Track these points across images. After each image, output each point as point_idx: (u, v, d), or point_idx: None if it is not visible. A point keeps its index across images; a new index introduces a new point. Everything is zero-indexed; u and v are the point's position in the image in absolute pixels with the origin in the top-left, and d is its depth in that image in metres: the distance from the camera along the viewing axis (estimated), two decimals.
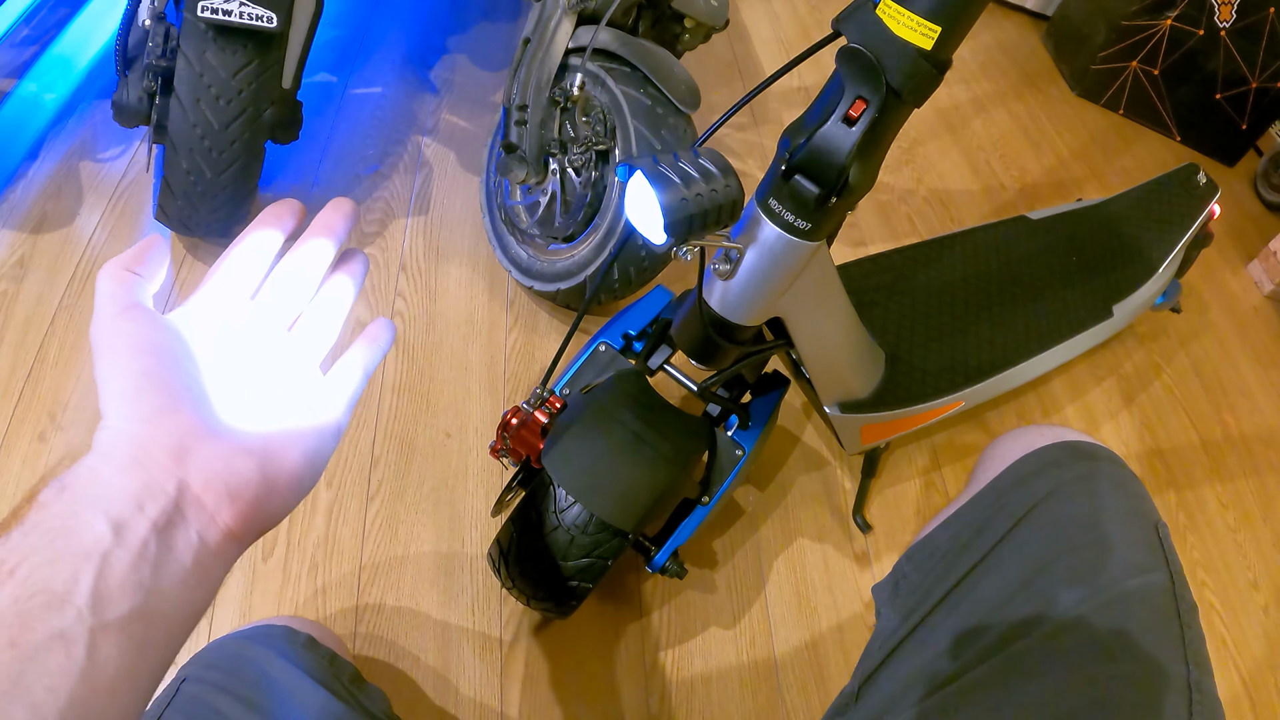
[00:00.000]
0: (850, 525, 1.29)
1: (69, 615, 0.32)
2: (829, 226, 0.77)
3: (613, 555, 0.94)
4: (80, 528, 0.35)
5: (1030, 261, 1.42)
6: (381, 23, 2.00)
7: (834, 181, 0.70)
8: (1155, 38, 2.13)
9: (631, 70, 1.25)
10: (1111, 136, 2.23)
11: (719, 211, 0.59)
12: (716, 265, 0.76)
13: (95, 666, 0.33)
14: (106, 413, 0.39)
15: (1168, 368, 1.65)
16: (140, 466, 0.37)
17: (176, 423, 0.39)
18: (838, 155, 0.69)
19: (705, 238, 0.67)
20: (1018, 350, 1.27)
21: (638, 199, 0.63)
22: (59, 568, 0.33)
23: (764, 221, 0.76)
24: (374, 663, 1.06)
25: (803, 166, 0.71)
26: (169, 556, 0.37)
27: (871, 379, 1.12)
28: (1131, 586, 0.62)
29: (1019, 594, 0.65)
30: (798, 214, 0.74)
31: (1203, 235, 1.53)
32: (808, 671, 1.14)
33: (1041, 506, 0.70)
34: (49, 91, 1.67)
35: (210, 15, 1.13)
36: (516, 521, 0.97)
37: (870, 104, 0.67)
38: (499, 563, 1.00)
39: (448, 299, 1.44)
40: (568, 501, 0.92)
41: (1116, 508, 0.69)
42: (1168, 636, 0.60)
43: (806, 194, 0.72)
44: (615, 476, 0.89)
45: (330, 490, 1.18)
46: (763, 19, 2.30)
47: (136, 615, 0.35)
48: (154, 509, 0.37)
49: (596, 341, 1.09)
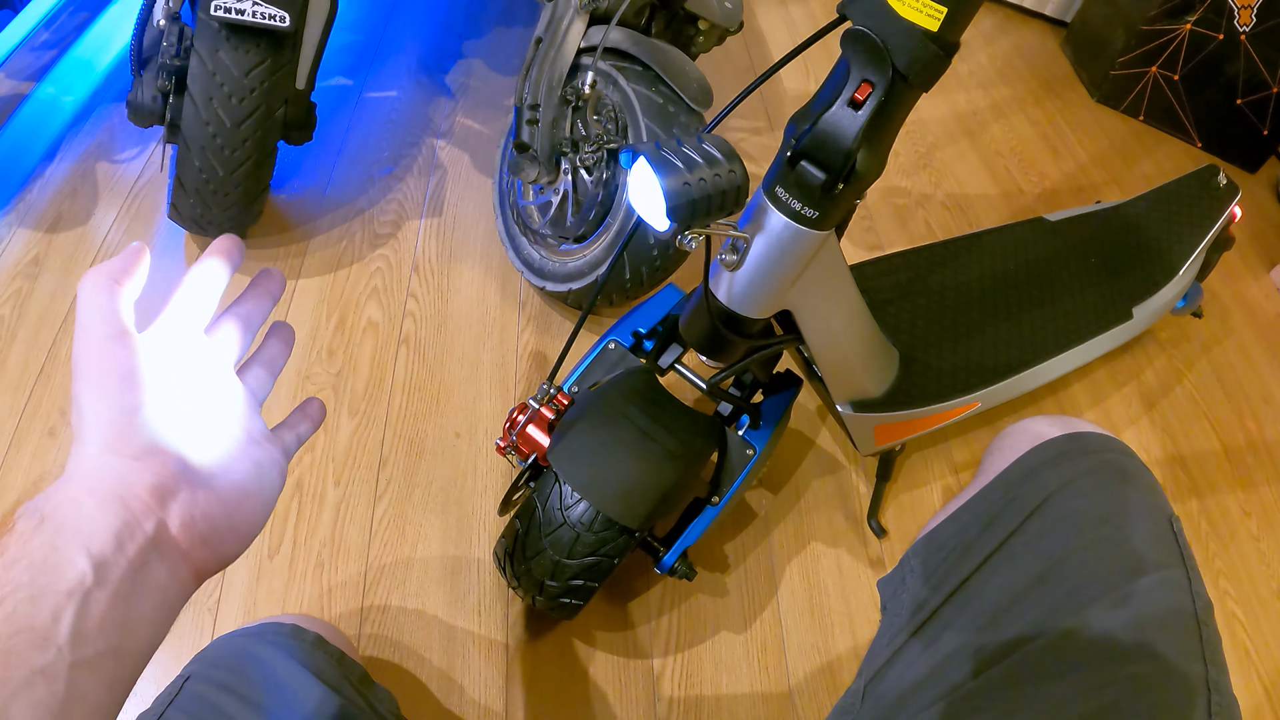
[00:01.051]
0: (865, 530, 1.27)
1: (50, 653, 0.33)
2: (837, 215, 0.75)
3: (619, 554, 0.93)
4: (62, 563, 0.35)
5: (1048, 262, 1.40)
6: (397, 28, 2.01)
7: (840, 167, 0.69)
8: (1175, 42, 2.11)
9: (643, 69, 1.24)
10: (1131, 142, 2.21)
11: (723, 197, 0.58)
12: (723, 256, 0.75)
13: (73, 700, 0.33)
14: (88, 440, 0.39)
15: (1189, 373, 1.63)
16: (123, 503, 0.38)
17: (161, 463, 0.40)
18: (844, 140, 0.68)
19: (710, 226, 0.66)
20: (1035, 351, 1.25)
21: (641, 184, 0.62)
22: (41, 605, 0.34)
23: (771, 210, 0.74)
24: (379, 663, 1.05)
25: (808, 152, 0.70)
26: (143, 594, 0.37)
27: (885, 377, 1.10)
28: (1146, 584, 0.60)
29: (1031, 591, 0.63)
30: (805, 202, 0.73)
31: (1224, 238, 1.50)
32: (820, 678, 1.12)
33: (1052, 500, 0.68)
34: (67, 94, 1.69)
35: (224, 14, 1.13)
36: (522, 518, 0.96)
37: (876, 87, 0.66)
38: (504, 560, 0.99)
39: (460, 299, 1.44)
40: (574, 499, 0.91)
41: (1129, 501, 0.67)
42: (1184, 635, 0.58)
43: (812, 180, 0.71)
44: (621, 473, 0.88)
45: (338, 489, 1.18)
46: (779, 23, 2.29)
47: (110, 652, 0.36)
48: (133, 547, 0.37)
49: (606, 339, 1.08)
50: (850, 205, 0.77)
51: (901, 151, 1.98)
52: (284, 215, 1.53)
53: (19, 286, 1.34)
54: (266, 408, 0.50)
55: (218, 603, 1.07)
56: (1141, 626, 0.58)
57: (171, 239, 1.44)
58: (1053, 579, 0.63)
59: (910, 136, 2.04)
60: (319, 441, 1.22)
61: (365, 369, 1.32)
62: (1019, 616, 0.62)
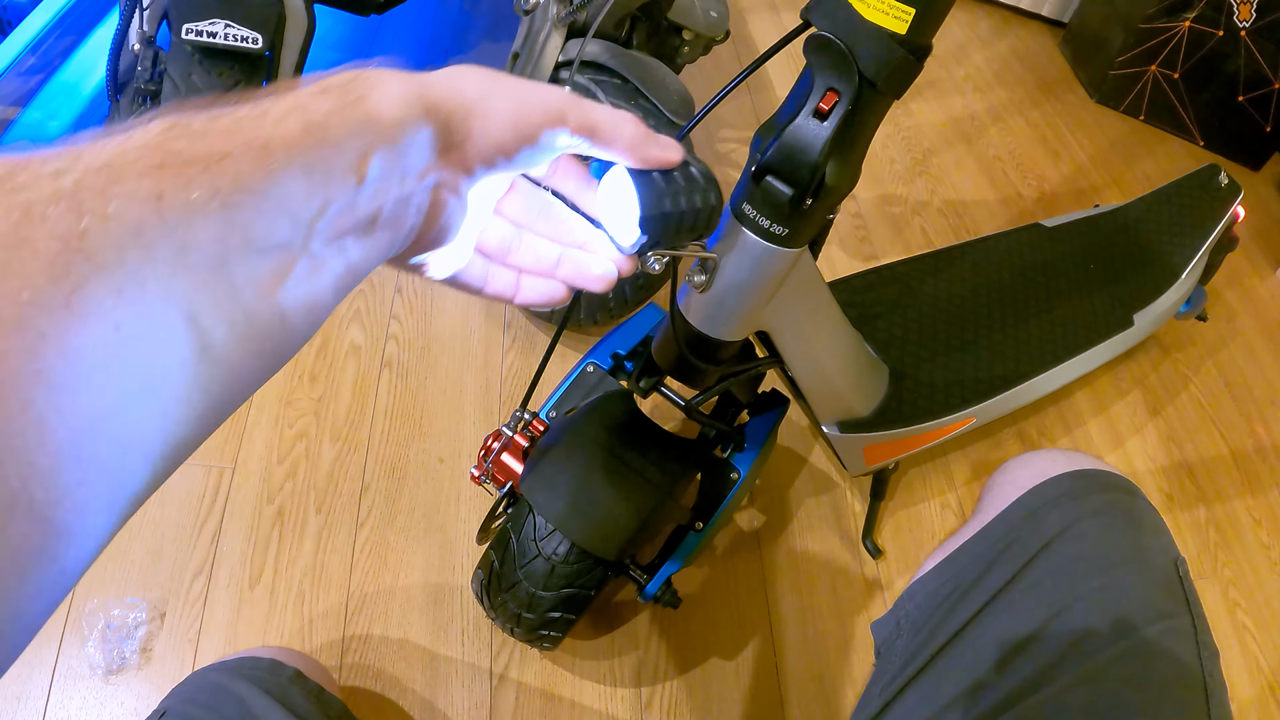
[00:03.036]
0: (861, 550, 1.24)
1: None
2: (809, 232, 0.72)
3: (596, 586, 0.90)
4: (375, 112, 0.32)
5: (1045, 270, 1.36)
6: (383, 47, 1.99)
7: (807, 181, 0.66)
8: (1174, 40, 2.08)
9: (622, 82, 1.22)
10: (1132, 143, 2.17)
11: (695, 216, 0.55)
12: (692, 277, 0.72)
13: None
14: None
15: (1195, 378, 1.59)
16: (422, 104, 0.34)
17: None
18: (809, 153, 0.65)
19: (678, 246, 0.63)
20: (1032, 363, 1.21)
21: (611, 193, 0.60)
22: None
23: (739, 229, 0.71)
24: (361, 693, 1.02)
25: (773, 166, 0.67)
26: None
27: (873, 396, 1.07)
28: (1152, 634, 0.58)
29: (1031, 642, 0.60)
30: (773, 219, 0.70)
31: (1227, 239, 1.47)
32: (815, 705, 1.09)
33: (1055, 544, 0.65)
34: (53, 119, 1.68)
35: (195, 38, 1.12)
36: (496, 549, 0.93)
37: (843, 96, 0.63)
38: (481, 592, 0.97)
39: (443, 321, 1.42)
40: (547, 529, 0.88)
41: (1134, 546, 0.64)
42: (1190, 689, 0.56)
43: (779, 196, 0.67)
44: (596, 502, 0.85)
45: (319, 516, 1.15)
46: (770, 30, 2.26)
47: None
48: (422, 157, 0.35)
49: (585, 362, 1.05)
50: (823, 220, 0.74)
51: (896, 159, 1.95)
52: None
53: None
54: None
55: (198, 634, 1.04)
56: (1144, 682, 0.56)
57: None
58: (1053, 630, 0.60)
59: (905, 143, 2.01)
60: (300, 469, 1.20)
61: (347, 394, 1.29)
62: (1018, 669, 0.60)
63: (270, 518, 1.15)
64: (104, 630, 1.02)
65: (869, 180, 1.88)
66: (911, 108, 2.11)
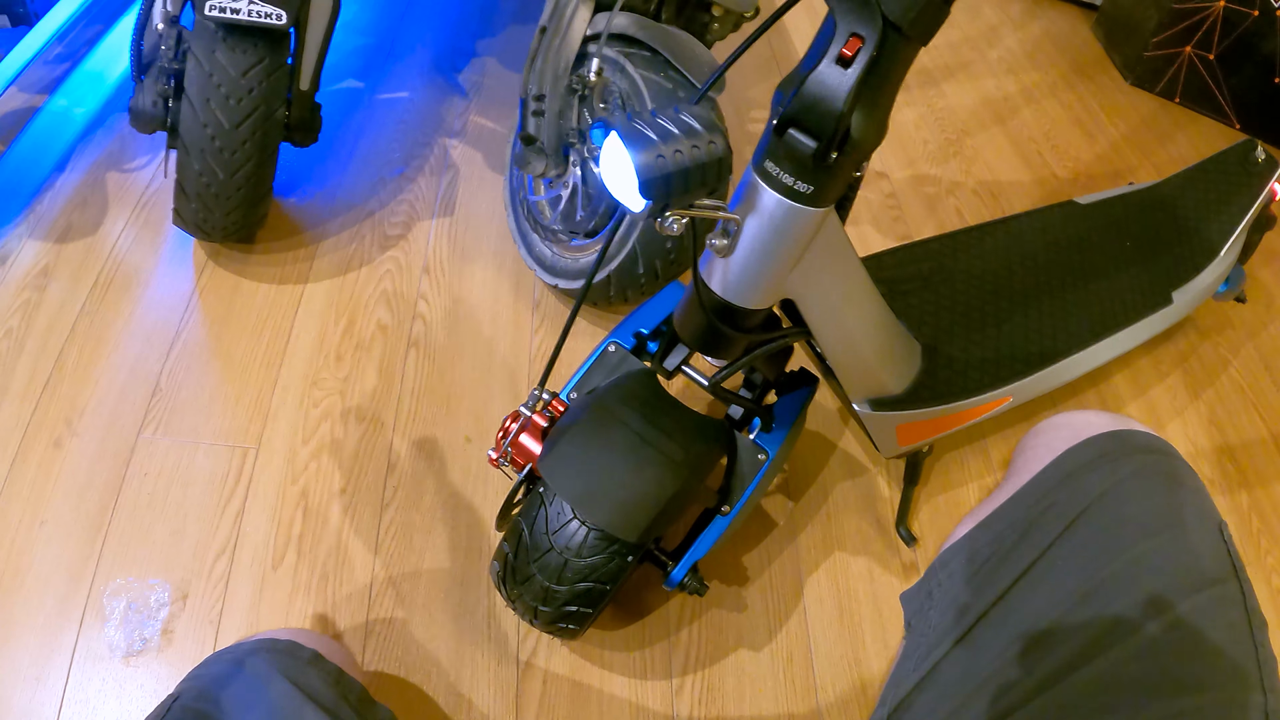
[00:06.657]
0: (896, 535, 1.21)
1: None
2: (835, 189, 0.69)
3: (612, 579, 0.87)
4: None
5: (1080, 247, 1.33)
6: (409, 29, 1.98)
7: (831, 132, 0.62)
8: (1208, 21, 2.03)
9: (651, 54, 1.19)
10: (1167, 124, 2.12)
11: (702, 171, 0.53)
12: (713, 241, 0.69)
13: None
14: None
15: (1235, 360, 1.55)
16: None
17: None
18: (833, 101, 0.61)
19: (694, 206, 0.60)
20: (1069, 341, 1.18)
21: (613, 162, 0.57)
22: None
23: (762, 187, 0.68)
24: (384, 678, 1.01)
25: (796, 118, 0.63)
26: None
27: (905, 373, 1.04)
28: (1201, 602, 0.55)
29: (1075, 611, 0.58)
30: (797, 175, 0.66)
31: (1265, 217, 1.43)
32: (851, 690, 1.06)
33: (1095, 507, 0.62)
34: (79, 106, 1.68)
35: (218, 14, 1.11)
36: (510, 541, 0.91)
37: (867, 41, 0.60)
38: (499, 582, 0.95)
39: (471, 300, 1.40)
40: (560, 521, 0.86)
41: (1177, 509, 0.61)
42: (1243, 660, 0.53)
43: (803, 150, 0.64)
44: (617, 482, 0.82)
45: (344, 496, 1.14)
46: (800, 11, 2.24)
47: None
48: None
49: (607, 342, 1.03)
50: (849, 178, 0.70)
51: (930, 139, 1.92)
52: (292, 220, 1.50)
53: (28, 297, 1.32)
54: None
55: (220, 615, 1.04)
56: (1195, 653, 0.53)
57: (180, 246, 1.41)
58: (1097, 598, 0.57)
59: (939, 124, 1.98)
60: (324, 449, 1.19)
61: (373, 374, 1.28)
62: (1062, 642, 0.57)
63: (294, 498, 1.14)
64: (125, 611, 1.02)
65: (902, 160, 1.85)
66: (944, 89, 2.08)
